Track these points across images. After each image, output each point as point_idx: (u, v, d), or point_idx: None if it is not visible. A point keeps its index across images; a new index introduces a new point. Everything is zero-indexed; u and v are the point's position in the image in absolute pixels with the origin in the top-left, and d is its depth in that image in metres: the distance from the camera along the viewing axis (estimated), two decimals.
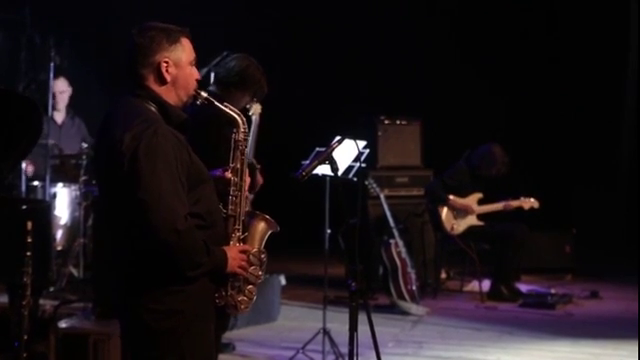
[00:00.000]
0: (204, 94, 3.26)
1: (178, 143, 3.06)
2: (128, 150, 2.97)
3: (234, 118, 3.32)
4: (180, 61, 3.15)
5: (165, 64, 3.12)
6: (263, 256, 3.30)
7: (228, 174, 3.31)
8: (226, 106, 3.33)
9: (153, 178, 2.95)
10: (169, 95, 3.16)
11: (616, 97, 11.33)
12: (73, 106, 8.26)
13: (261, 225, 3.35)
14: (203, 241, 3.04)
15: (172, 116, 3.15)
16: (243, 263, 3.18)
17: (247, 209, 3.34)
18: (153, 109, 3.11)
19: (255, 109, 5.57)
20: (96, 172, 3.29)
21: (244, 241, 3.27)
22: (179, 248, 2.96)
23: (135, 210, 2.95)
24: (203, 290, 3.10)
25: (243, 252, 3.21)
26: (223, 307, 3.19)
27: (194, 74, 3.22)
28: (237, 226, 3.25)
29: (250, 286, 3.23)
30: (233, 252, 3.17)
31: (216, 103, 3.30)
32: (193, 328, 3.08)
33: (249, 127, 5.53)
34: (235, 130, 3.32)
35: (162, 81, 3.14)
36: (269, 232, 3.37)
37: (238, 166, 3.31)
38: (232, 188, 3.28)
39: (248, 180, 3.36)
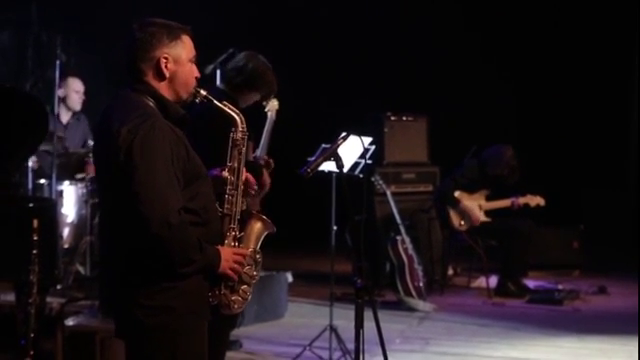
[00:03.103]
0: (203, 92, 3.26)
1: (175, 138, 3.06)
2: (124, 143, 2.97)
3: (232, 117, 3.32)
4: (180, 58, 3.15)
5: (164, 60, 3.13)
6: (258, 256, 3.29)
7: (225, 173, 3.30)
8: (225, 105, 3.33)
9: (148, 171, 2.94)
10: (168, 91, 3.16)
11: (626, 95, 11.31)
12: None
13: (257, 225, 3.34)
14: (197, 238, 3.03)
15: (170, 112, 3.15)
16: (236, 266, 3.17)
17: (244, 208, 3.33)
18: (151, 104, 3.11)
19: (272, 106, 5.50)
20: (95, 166, 3.28)
21: (240, 241, 3.26)
22: (171, 242, 2.95)
23: (129, 203, 2.94)
24: (196, 287, 3.09)
25: (237, 254, 3.19)
26: (216, 306, 3.18)
27: (194, 71, 3.21)
28: (233, 225, 3.24)
29: (244, 286, 3.22)
30: (227, 253, 3.15)
31: (215, 102, 3.30)
32: (185, 325, 3.07)
33: (264, 124, 5.52)
34: (233, 129, 3.32)
35: (161, 77, 3.14)
36: (265, 232, 3.36)
37: (235, 165, 3.31)
38: (228, 187, 3.27)
39: (249, 178, 3.35)
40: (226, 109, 3.32)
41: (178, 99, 3.20)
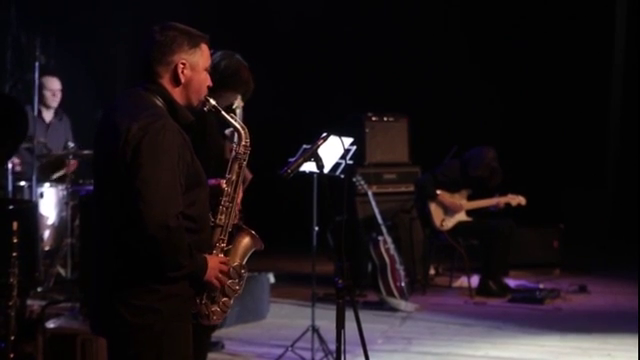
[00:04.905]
0: (212, 102, 3.29)
1: (183, 142, 3.07)
2: (134, 140, 2.97)
3: (238, 130, 3.34)
4: (197, 65, 3.18)
5: (182, 65, 3.15)
6: (243, 271, 3.30)
7: (223, 184, 3.32)
8: (232, 117, 3.36)
9: (153, 171, 2.95)
10: (180, 96, 3.18)
11: (603, 97, 11.39)
12: (60, 105, 8.22)
13: (246, 240, 3.35)
14: (188, 244, 3.04)
15: (180, 116, 3.16)
16: (221, 275, 3.19)
17: (236, 222, 3.33)
18: (160, 105, 3.12)
19: (238, 102, 5.51)
20: (94, 159, 3.25)
21: (227, 253, 3.27)
22: (166, 245, 2.95)
23: (129, 200, 2.94)
24: (182, 291, 3.10)
25: (223, 264, 3.21)
26: (195, 315, 3.18)
27: (207, 80, 3.24)
28: (223, 237, 3.26)
29: (225, 299, 3.23)
30: (214, 262, 3.17)
31: (222, 113, 3.32)
32: (171, 327, 3.07)
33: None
34: (236, 142, 3.34)
35: (177, 82, 3.16)
36: (253, 249, 3.37)
37: (234, 178, 3.33)
38: (224, 199, 3.29)
39: (241, 194, 3.37)
40: (233, 121, 3.35)
41: (188, 105, 3.22)
